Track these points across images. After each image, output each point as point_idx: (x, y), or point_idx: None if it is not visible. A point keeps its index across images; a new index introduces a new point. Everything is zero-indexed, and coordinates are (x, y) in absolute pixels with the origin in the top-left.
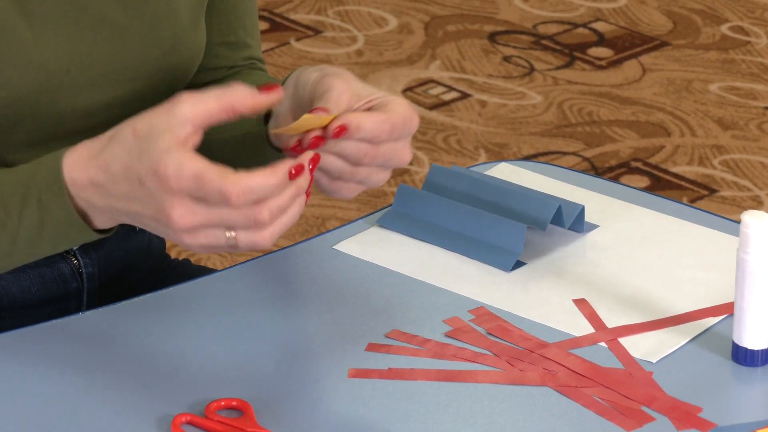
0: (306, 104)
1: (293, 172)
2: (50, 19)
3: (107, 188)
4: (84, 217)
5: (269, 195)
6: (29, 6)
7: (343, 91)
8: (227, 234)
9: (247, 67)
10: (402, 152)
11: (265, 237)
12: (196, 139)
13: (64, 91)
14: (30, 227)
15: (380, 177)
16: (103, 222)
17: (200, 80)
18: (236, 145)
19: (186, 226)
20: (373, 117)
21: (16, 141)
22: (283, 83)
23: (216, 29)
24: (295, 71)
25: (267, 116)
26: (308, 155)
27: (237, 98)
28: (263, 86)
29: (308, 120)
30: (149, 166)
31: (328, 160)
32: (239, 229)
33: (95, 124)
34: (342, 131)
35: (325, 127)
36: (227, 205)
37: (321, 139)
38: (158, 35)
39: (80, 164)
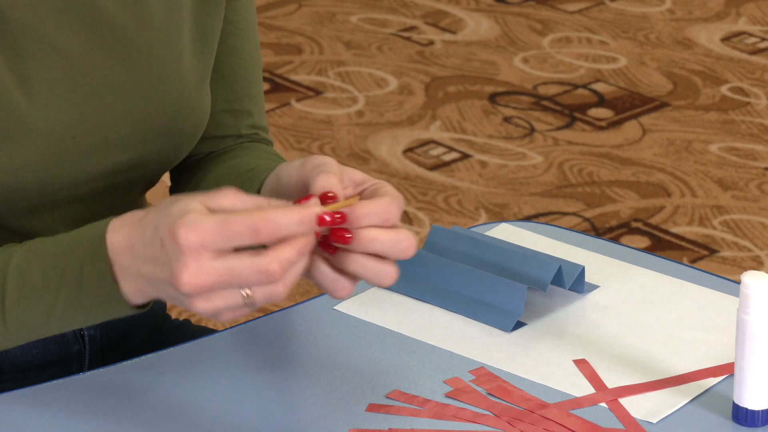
0: (294, 185)
1: (326, 218)
2: (52, 85)
3: (136, 250)
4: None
5: (295, 233)
6: (30, 70)
7: (333, 164)
8: (243, 292)
9: (250, 138)
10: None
11: (279, 289)
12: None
13: (69, 157)
14: (67, 301)
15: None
16: (133, 292)
17: (204, 149)
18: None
19: (197, 287)
20: (378, 201)
21: (20, 208)
22: (261, 184)
23: (221, 96)
24: (277, 168)
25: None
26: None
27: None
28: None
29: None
30: (168, 226)
31: (359, 261)
32: (253, 285)
33: (100, 189)
34: (343, 220)
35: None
36: (250, 259)
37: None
38: (164, 99)
39: (123, 227)
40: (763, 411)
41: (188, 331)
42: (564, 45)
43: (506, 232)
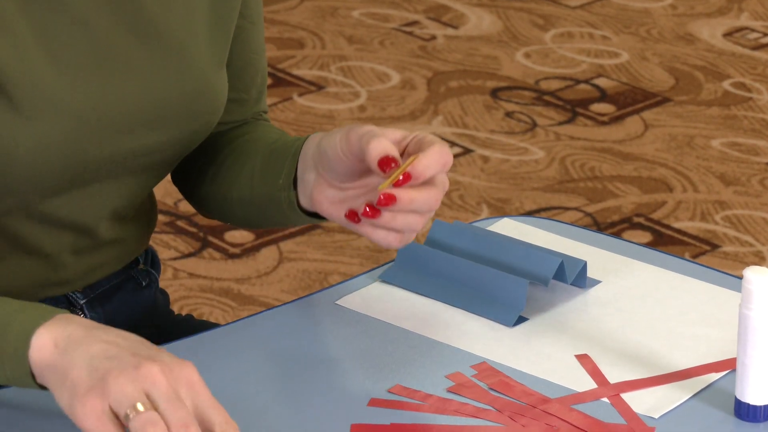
0: (343, 157)
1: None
2: (79, 65)
3: (103, 329)
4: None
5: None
6: (58, 52)
7: (375, 128)
8: (128, 412)
9: (254, 119)
10: (444, 185)
11: None
12: None
13: (92, 136)
14: None
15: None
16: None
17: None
18: (257, 204)
19: (119, 397)
20: (434, 150)
21: (44, 188)
22: (294, 155)
23: (230, 85)
24: (310, 141)
25: (294, 180)
26: None
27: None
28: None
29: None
30: (136, 358)
31: (399, 219)
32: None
33: (120, 172)
34: (407, 179)
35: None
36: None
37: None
38: (183, 81)
39: (45, 355)
40: (765, 406)
41: (190, 325)
42: (566, 40)
43: (508, 227)
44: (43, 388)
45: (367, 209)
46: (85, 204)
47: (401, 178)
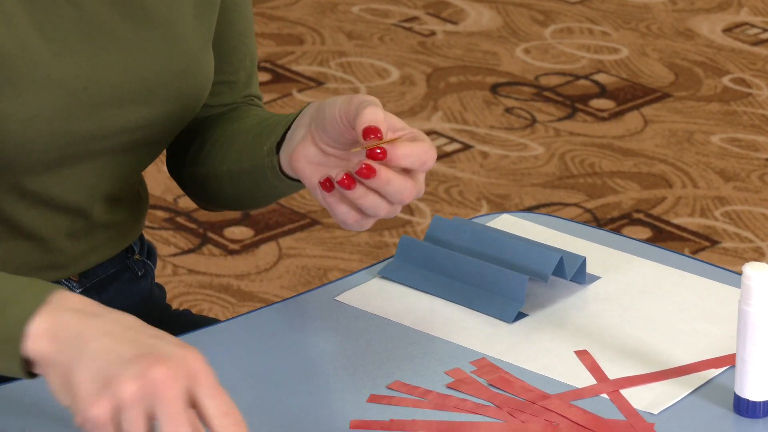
0: (338, 118)
1: (377, 152)
2: (66, 37)
3: (100, 316)
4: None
5: None
6: (47, 24)
7: (378, 102)
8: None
9: (245, 103)
10: (423, 185)
11: None
12: None
13: (80, 109)
14: None
15: (397, 210)
16: (42, 337)
17: (199, 115)
18: (245, 176)
19: (95, 417)
20: (420, 145)
21: (33, 162)
22: (288, 127)
23: (218, 68)
24: (310, 106)
25: (278, 145)
26: None
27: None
28: (357, 172)
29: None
30: (160, 339)
31: (369, 198)
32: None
33: (110, 148)
34: (383, 155)
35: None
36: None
37: (371, 170)
38: (170, 58)
39: (44, 342)
40: (764, 402)
41: (189, 321)
42: (566, 36)
43: (508, 223)
44: (31, 376)
45: (345, 178)
46: (77, 184)
47: (378, 152)
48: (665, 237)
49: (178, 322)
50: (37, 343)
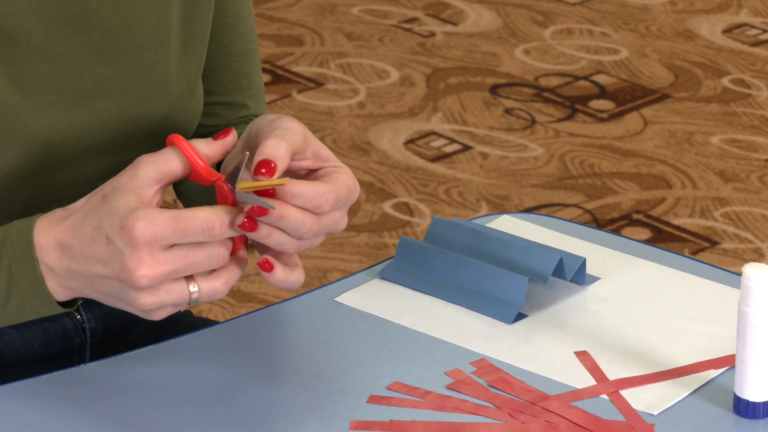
0: (254, 138)
1: (246, 224)
2: (43, 89)
3: (73, 250)
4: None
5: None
6: (21, 76)
7: (298, 132)
8: (191, 288)
9: (242, 122)
10: (341, 221)
11: (221, 288)
12: (160, 197)
13: (60, 161)
14: None
15: (315, 242)
16: (58, 291)
17: (195, 135)
18: (192, 193)
19: (153, 279)
20: (318, 187)
21: (11, 212)
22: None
23: (211, 89)
24: (254, 121)
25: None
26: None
27: (195, 151)
28: (218, 134)
29: (253, 184)
30: (118, 223)
31: (274, 236)
32: (202, 275)
33: (91, 189)
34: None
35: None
36: (199, 246)
37: (263, 211)
38: (154, 101)
39: (49, 226)
40: (764, 403)
41: (188, 323)
42: (565, 36)
43: (507, 224)
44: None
45: (245, 220)
46: None
47: (269, 189)
48: (665, 238)
49: (178, 325)
50: (48, 254)
